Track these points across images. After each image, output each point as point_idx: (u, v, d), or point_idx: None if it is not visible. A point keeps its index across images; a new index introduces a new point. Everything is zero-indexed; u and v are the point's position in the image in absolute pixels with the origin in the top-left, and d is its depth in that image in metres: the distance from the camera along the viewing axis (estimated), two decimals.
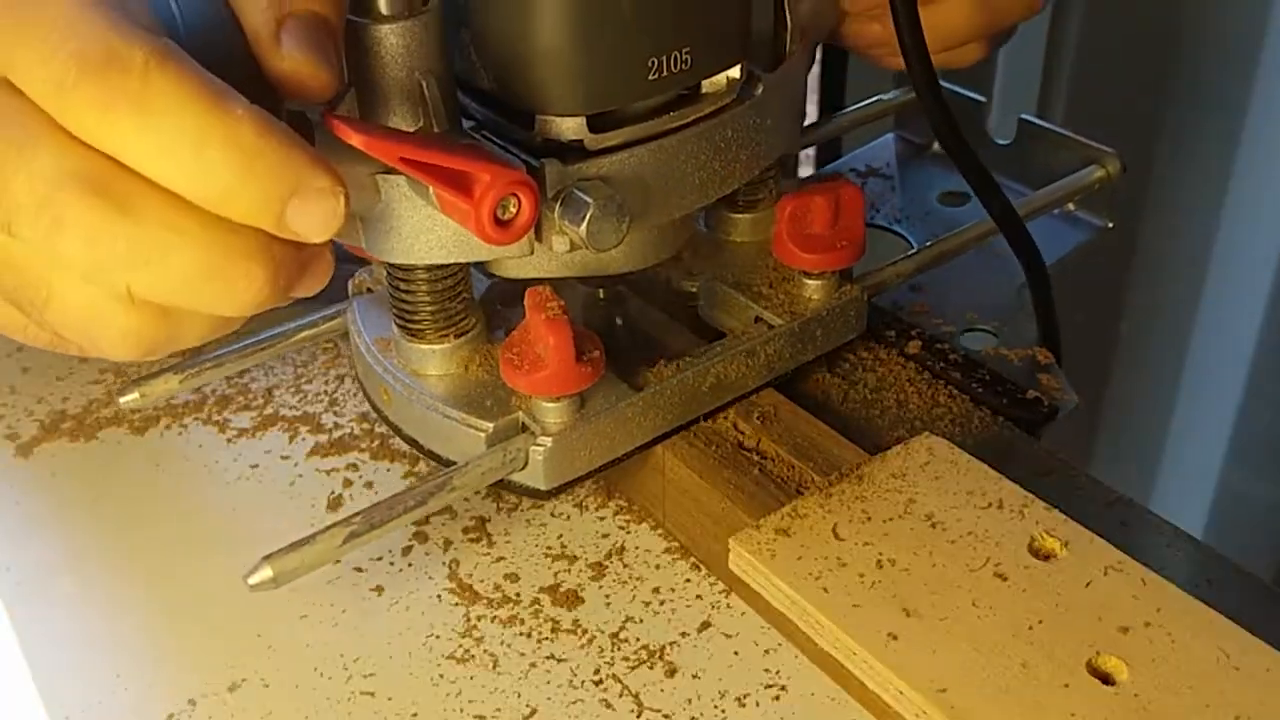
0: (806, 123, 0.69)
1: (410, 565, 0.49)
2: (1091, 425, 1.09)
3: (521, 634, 0.46)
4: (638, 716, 0.42)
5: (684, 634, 0.45)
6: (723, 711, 0.42)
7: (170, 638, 0.47)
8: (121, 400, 0.51)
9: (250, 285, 0.36)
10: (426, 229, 0.43)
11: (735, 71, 0.47)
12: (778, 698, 0.43)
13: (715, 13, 0.45)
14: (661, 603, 0.47)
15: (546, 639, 0.45)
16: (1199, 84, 0.93)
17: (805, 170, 0.88)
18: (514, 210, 0.40)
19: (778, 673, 0.44)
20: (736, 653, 0.45)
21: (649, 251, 0.49)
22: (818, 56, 0.81)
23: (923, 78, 0.49)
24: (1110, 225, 0.64)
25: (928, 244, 0.58)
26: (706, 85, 0.46)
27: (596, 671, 0.44)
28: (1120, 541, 0.43)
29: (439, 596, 0.47)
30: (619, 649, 0.45)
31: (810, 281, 0.51)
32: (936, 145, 0.70)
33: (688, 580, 0.48)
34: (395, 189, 0.42)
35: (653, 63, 0.43)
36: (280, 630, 0.46)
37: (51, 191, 0.33)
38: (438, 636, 0.46)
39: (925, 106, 0.51)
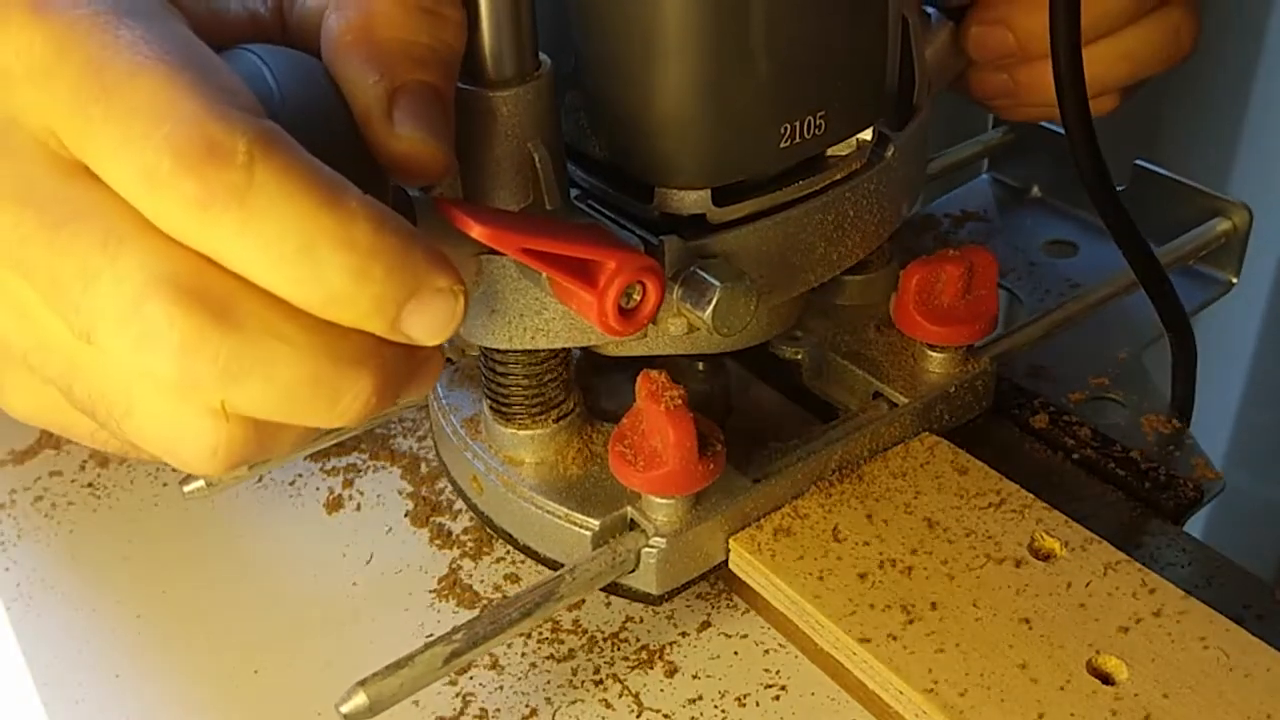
0: None
1: (411, 565, 0.49)
2: None
3: (521, 634, 0.46)
4: (638, 716, 0.42)
5: (684, 634, 0.45)
6: (723, 711, 0.42)
7: (170, 638, 0.47)
8: (186, 490, 0.47)
9: (358, 396, 0.31)
10: (533, 313, 0.39)
11: (868, 134, 0.43)
12: (778, 698, 0.43)
13: (853, 69, 0.41)
14: (661, 603, 0.47)
15: (546, 639, 0.45)
16: (1199, 84, 0.93)
17: None
18: (639, 298, 0.37)
19: (778, 673, 0.44)
20: (736, 653, 0.45)
21: (765, 328, 0.46)
22: None
23: (1077, 120, 0.44)
24: (1234, 281, 0.59)
25: (1056, 306, 0.54)
26: (834, 149, 0.43)
27: (596, 671, 0.44)
28: (1120, 541, 0.43)
29: (439, 597, 0.47)
30: (619, 649, 0.45)
31: (934, 354, 0.47)
32: (1036, 189, 0.66)
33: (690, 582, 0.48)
34: (501, 271, 0.39)
35: (785, 129, 0.40)
36: (280, 630, 0.46)
37: (140, 297, 0.29)
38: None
39: (1077, 153, 0.45)
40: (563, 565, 0.42)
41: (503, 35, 0.36)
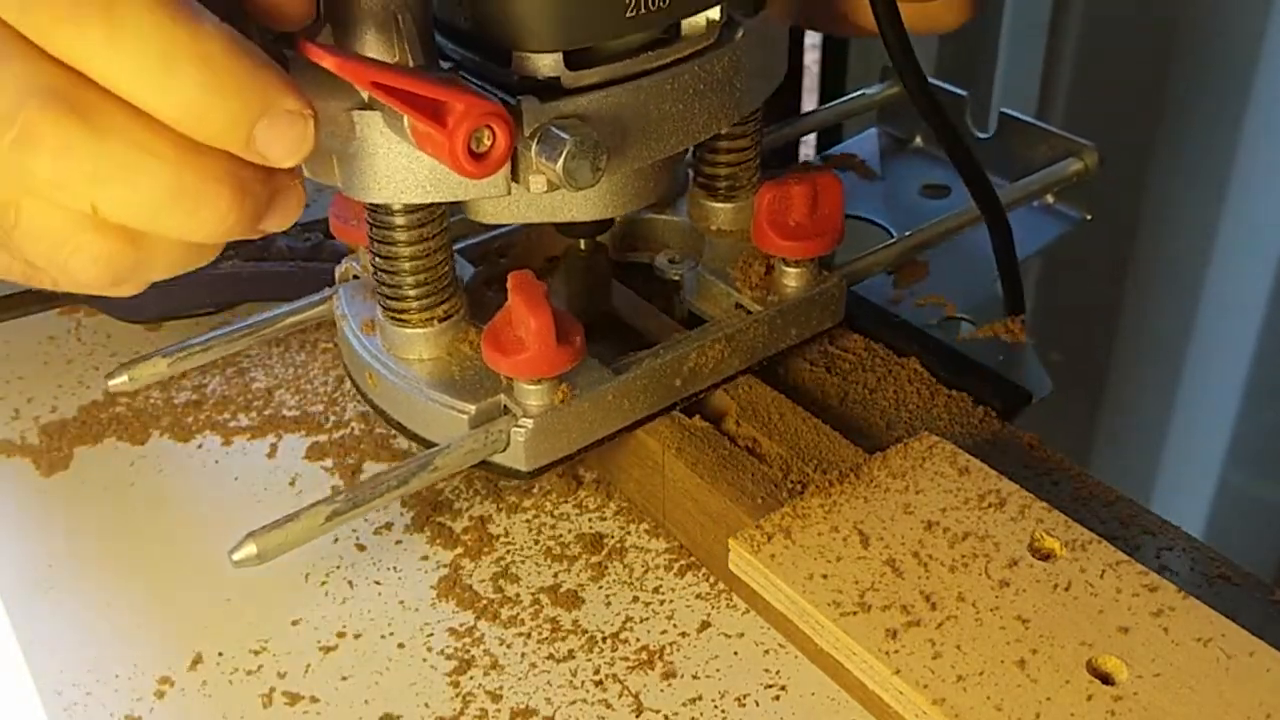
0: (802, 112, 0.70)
1: (409, 565, 0.49)
2: (1091, 425, 1.09)
3: (521, 634, 0.46)
4: (637, 716, 0.42)
5: (684, 634, 0.45)
6: (723, 711, 0.42)
7: (171, 639, 0.47)
8: (110, 384, 0.51)
9: (217, 208, 0.35)
10: (403, 166, 0.42)
11: (715, 13, 0.47)
12: (778, 698, 0.43)
13: None
14: (661, 603, 0.47)
15: (546, 639, 0.45)
16: (1199, 84, 0.93)
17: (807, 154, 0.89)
18: (489, 142, 0.39)
19: (778, 673, 0.44)
20: (736, 653, 0.45)
21: (626, 198, 0.49)
22: (818, 46, 0.80)
23: (908, 67, 0.50)
24: (1089, 218, 0.65)
25: (907, 234, 0.59)
26: (686, 27, 0.46)
27: (596, 671, 0.44)
28: (1120, 542, 0.43)
29: (439, 596, 0.47)
30: (619, 649, 0.45)
31: (789, 269, 0.52)
32: (919, 140, 0.71)
33: (688, 580, 0.48)
34: (371, 125, 0.42)
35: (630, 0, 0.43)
36: (279, 629, 0.46)
37: (18, 105, 0.32)
38: (437, 635, 0.46)
39: (911, 93, 0.51)
40: None
41: None
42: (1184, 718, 0.36)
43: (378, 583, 0.48)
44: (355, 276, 0.53)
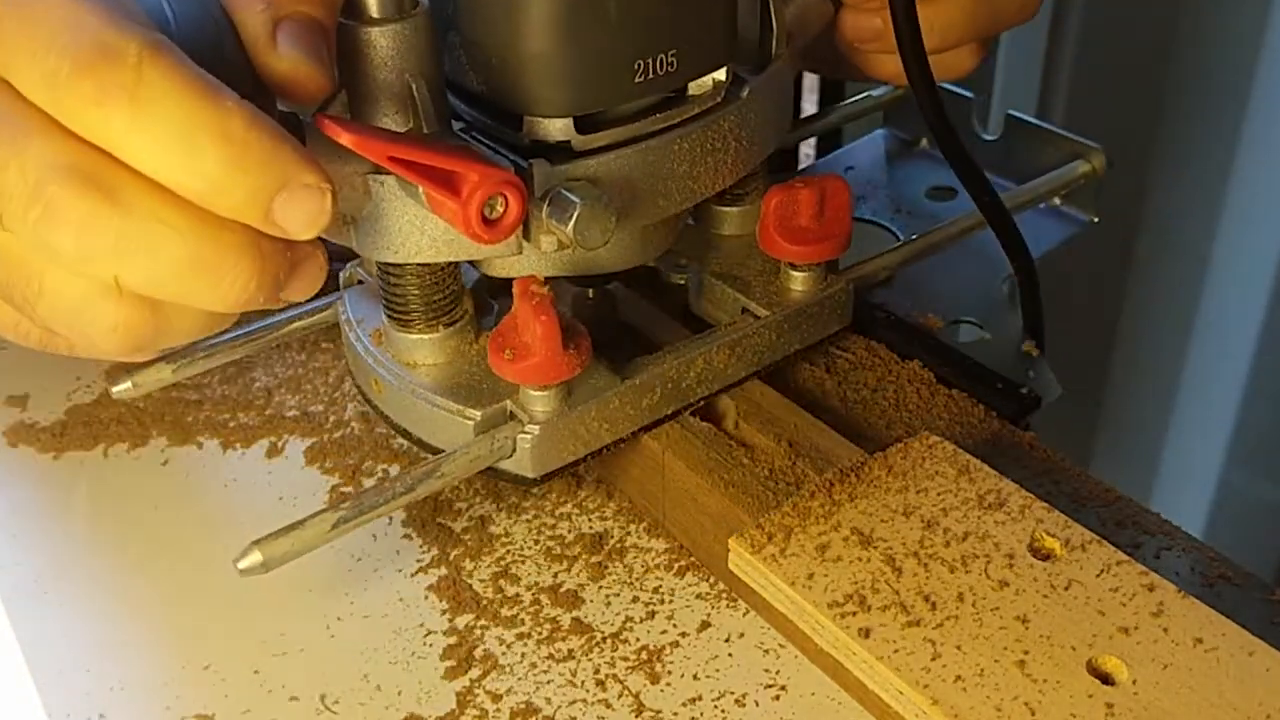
0: (802, 116, 0.70)
1: (409, 564, 0.49)
2: (1091, 425, 1.09)
3: (521, 634, 0.46)
4: (637, 716, 0.42)
5: (684, 634, 0.45)
6: (723, 711, 0.42)
7: (171, 639, 0.47)
8: (114, 390, 0.51)
9: (237, 280, 0.36)
10: (416, 228, 0.43)
11: (721, 74, 0.48)
12: (778, 698, 0.43)
13: (701, 16, 0.46)
14: (661, 603, 0.47)
15: (546, 639, 0.45)
16: (1199, 84, 0.93)
17: (805, 165, 0.89)
18: (501, 209, 0.40)
19: (778, 673, 0.44)
20: (736, 653, 0.45)
21: (636, 251, 0.50)
22: None
23: (917, 68, 0.49)
24: (1096, 220, 0.64)
25: (913, 237, 0.59)
26: (693, 87, 0.47)
27: (596, 671, 0.44)
28: (1120, 541, 0.43)
29: (439, 596, 0.47)
30: (619, 649, 0.45)
31: (796, 273, 0.52)
32: (925, 142, 0.71)
33: (688, 580, 0.48)
34: (385, 189, 0.43)
35: (638, 65, 0.44)
36: (280, 629, 0.46)
37: (43, 182, 0.33)
38: (437, 635, 0.46)
39: (917, 97, 0.51)
40: None
41: None
42: (1184, 718, 0.36)
43: (377, 583, 0.48)
44: (360, 281, 0.53)
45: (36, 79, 0.33)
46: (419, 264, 0.47)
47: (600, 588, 0.47)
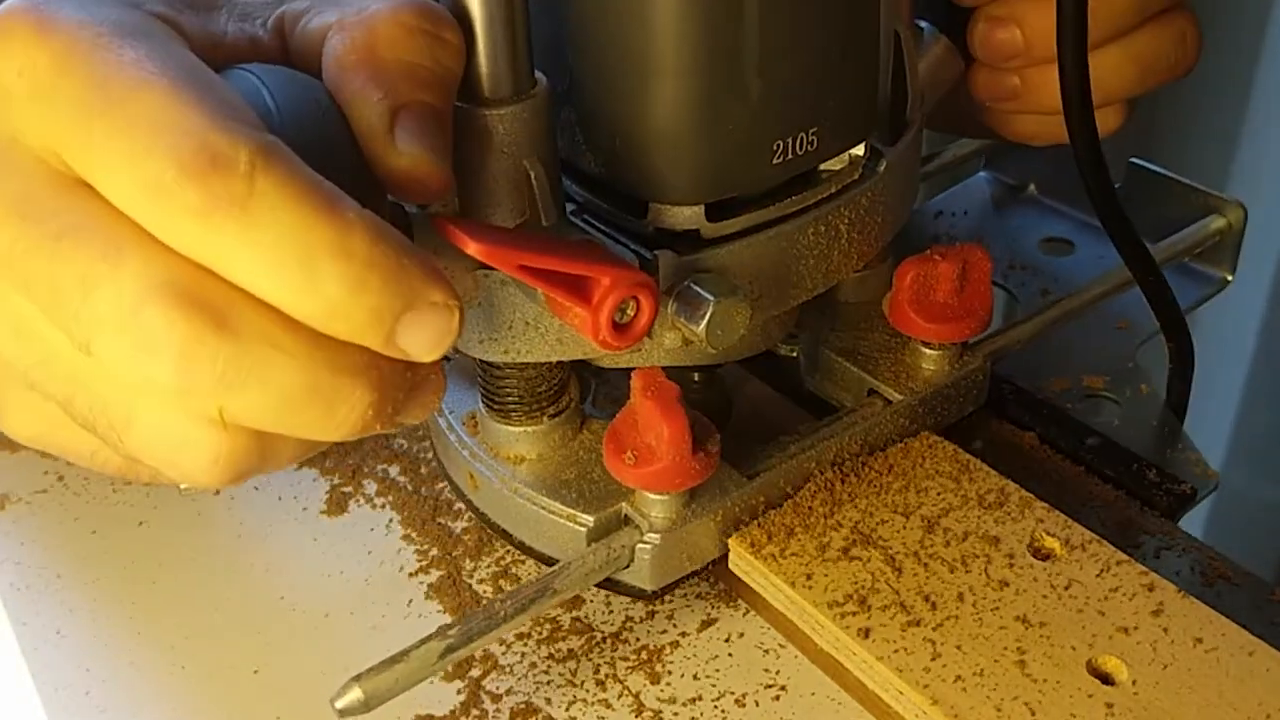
0: None
1: (410, 564, 0.49)
2: None
3: (521, 634, 0.46)
4: (637, 716, 0.42)
5: (684, 634, 0.45)
6: (723, 711, 0.42)
7: (168, 636, 0.47)
8: (182, 488, 0.48)
9: (355, 409, 0.32)
10: (529, 328, 0.40)
11: (860, 149, 0.44)
12: (778, 698, 0.43)
13: (845, 89, 0.42)
14: (661, 602, 0.47)
15: (546, 639, 0.45)
16: (1199, 84, 0.93)
17: None
18: (632, 313, 0.37)
19: (778, 673, 0.44)
20: (736, 653, 0.45)
21: (759, 339, 0.46)
22: None
23: (1080, 115, 0.44)
24: (1230, 279, 0.59)
25: (1049, 303, 0.54)
26: (827, 163, 0.44)
27: (596, 671, 0.44)
28: (1120, 542, 0.43)
29: (439, 596, 0.47)
30: (619, 649, 0.45)
31: (929, 351, 0.48)
32: (1033, 188, 0.66)
33: (688, 580, 0.48)
34: (498, 286, 0.39)
35: (778, 145, 0.40)
36: (280, 630, 0.46)
37: (140, 303, 0.29)
38: None
39: (1076, 147, 0.45)
40: (558, 562, 0.42)
41: (499, 56, 0.37)
42: (1184, 718, 0.36)
43: (378, 583, 0.48)
44: (447, 359, 0.50)
45: (134, 187, 0.29)
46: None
47: (600, 587, 0.47)
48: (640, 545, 0.42)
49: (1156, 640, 0.38)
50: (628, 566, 0.42)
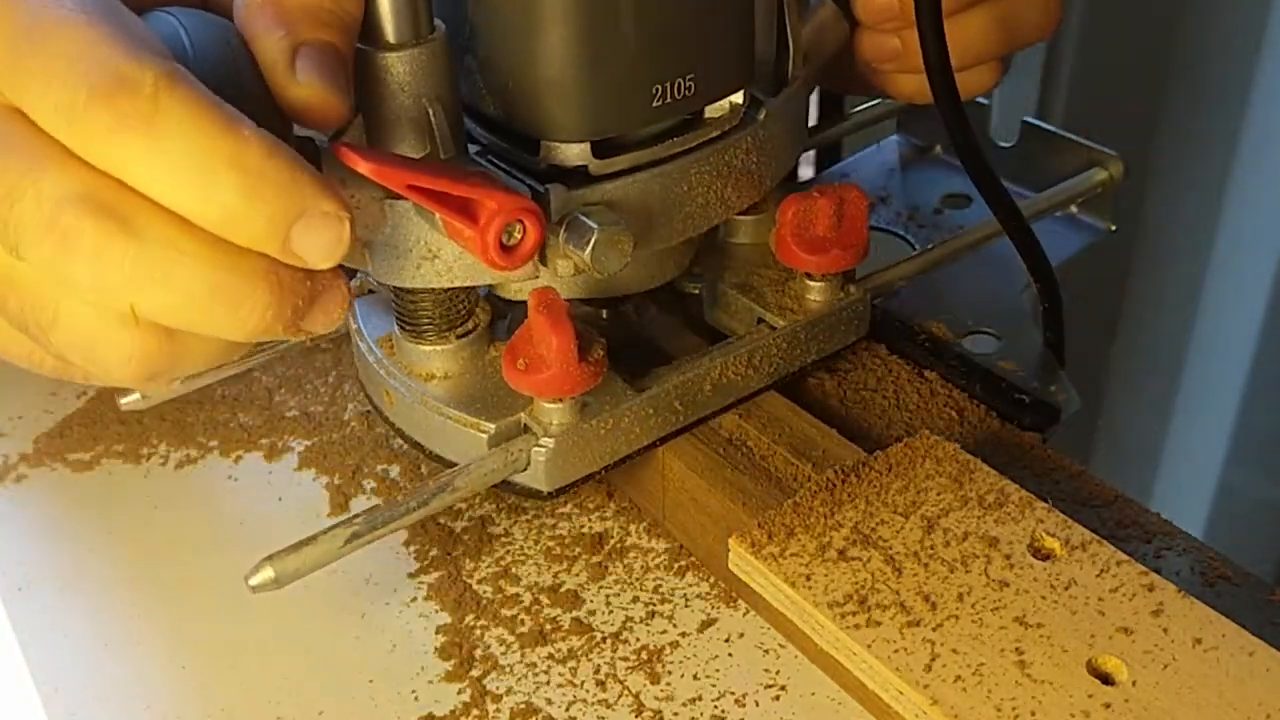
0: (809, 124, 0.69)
1: (409, 564, 0.49)
2: (1091, 425, 1.09)
3: (521, 634, 0.46)
4: (637, 716, 0.42)
5: (684, 634, 0.45)
6: (723, 711, 0.43)
7: (171, 640, 0.47)
8: (122, 403, 0.51)
9: (254, 309, 0.35)
10: (432, 254, 0.43)
11: (739, 97, 0.47)
12: (778, 698, 0.43)
13: (719, 40, 0.45)
14: (661, 602, 0.47)
15: (546, 639, 0.45)
16: (1199, 84, 0.93)
17: (806, 172, 0.89)
18: (519, 236, 0.40)
19: (778, 673, 0.44)
20: (736, 653, 0.45)
21: (652, 273, 0.50)
22: None
23: (940, 76, 0.48)
24: (1113, 229, 0.64)
25: (930, 246, 0.58)
26: (710, 110, 0.47)
27: (596, 671, 0.44)
28: (1120, 542, 0.43)
29: (438, 595, 0.47)
30: (619, 649, 0.45)
31: (813, 283, 0.51)
32: (939, 148, 0.70)
33: (688, 580, 0.48)
34: (401, 215, 0.42)
35: (657, 90, 0.44)
36: (280, 630, 0.46)
37: (57, 212, 0.33)
38: (437, 635, 0.46)
39: (940, 106, 0.50)
40: None
41: (398, 3, 0.40)
42: (1184, 718, 0.36)
43: (377, 582, 0.48)
44: (370, 290, 0.53)
45: (52, 109, 0.33)
46: None
47: (600, 588, 0.47)
48: (535, 449, 0.45)
49: (1156, 640, 0.38)
50: (525, 469, 0.46)
